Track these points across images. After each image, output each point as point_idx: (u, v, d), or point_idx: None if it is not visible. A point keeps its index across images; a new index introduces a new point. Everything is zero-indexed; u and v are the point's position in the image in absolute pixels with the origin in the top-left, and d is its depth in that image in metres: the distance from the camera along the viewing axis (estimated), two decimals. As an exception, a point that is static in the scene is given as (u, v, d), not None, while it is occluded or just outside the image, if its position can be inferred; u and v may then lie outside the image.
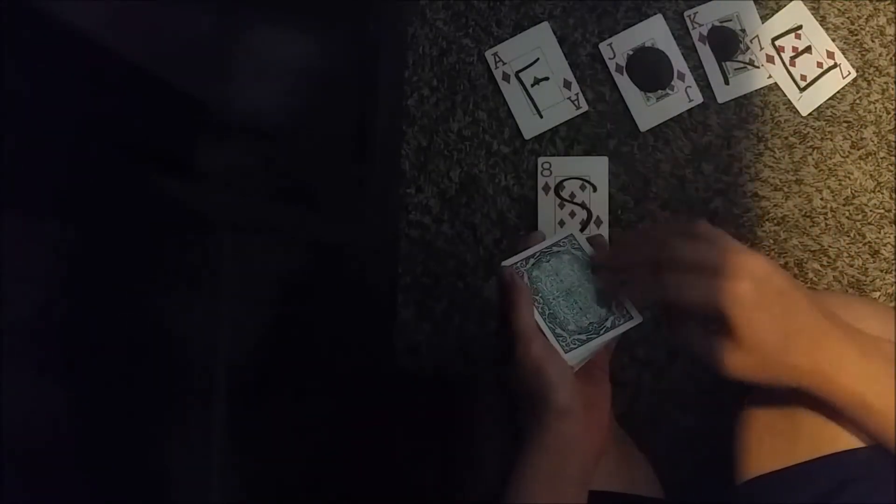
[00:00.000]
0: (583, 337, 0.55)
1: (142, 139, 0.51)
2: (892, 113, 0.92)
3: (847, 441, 0.54)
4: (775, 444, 0.59)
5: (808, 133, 0.92)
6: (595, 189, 0.90)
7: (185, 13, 0.55)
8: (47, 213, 0.44)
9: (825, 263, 0.91)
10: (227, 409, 0.58)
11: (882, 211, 0.91)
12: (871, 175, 0.91)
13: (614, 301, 0.57)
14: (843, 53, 0.92)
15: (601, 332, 0.56)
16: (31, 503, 0.42)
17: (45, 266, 0.44)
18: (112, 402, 0.48)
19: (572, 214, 0.90)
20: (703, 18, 0.92)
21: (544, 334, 0.55)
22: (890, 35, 0.92)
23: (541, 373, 0.53)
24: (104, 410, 0.48)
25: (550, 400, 0.52)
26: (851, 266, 0.90)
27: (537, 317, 0.55)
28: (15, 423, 0.40)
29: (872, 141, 0.91)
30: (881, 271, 0.90)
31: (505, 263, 0.58)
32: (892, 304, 0.90)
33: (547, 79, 0.92)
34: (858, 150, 0.92)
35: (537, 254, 0.58)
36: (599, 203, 0.90)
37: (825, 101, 0.92)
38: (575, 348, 0.55)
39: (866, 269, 0.90)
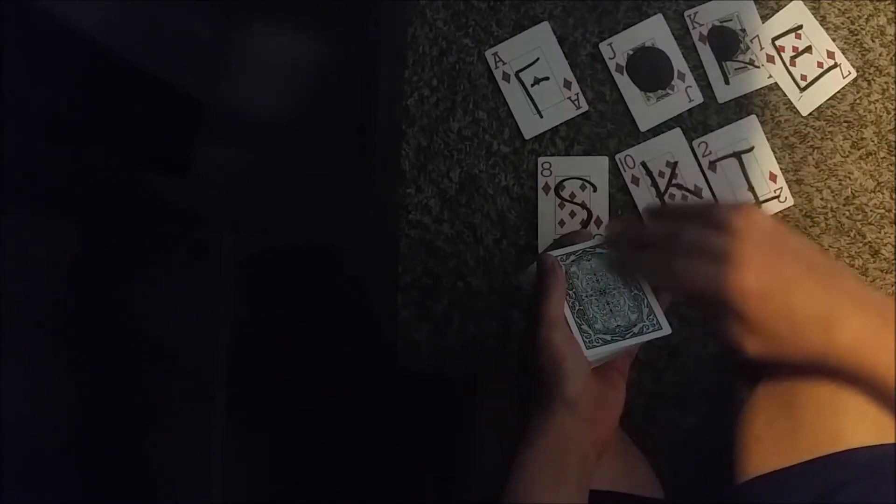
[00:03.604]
0: (607, 337, 0.55)
1: (141, 139, 0.51)
2: (892, 113, 0.92)
3: (847, 441, 0.54)
4: (775, 444, 0.59)
5: (809, 133, 0.92)
6: (595, 189, 0.90)
7: (185, 13, 0.55)
8: (47, 213, 0.44)
9: (825, 263, 0.91)
10: (227, 409, 0.58)
11: (882, 211, 0.91)
12: (871, 175, 0.91)
13: (628, 278, 0.57)
14: (844, 53, 0.92)
15: (626, 336, 0.56)
16: (31, 503, 0.42)
17: (45, 266, 0.44)
18: (112, 401, 0.48)
19: (572, 214, 0.90)
20: (704, 18, 0.92)
21: (570, 327, 0.55)
22: (890, 35, 0.92)
23: (557, 360, 0.53)
24: (104, 410, 0.48)
25: (560, 389, 0.53)
26: (851, 266, 0.90)
27: (566, 310, 0.56)
28: (15, 423, 0.40)
29: (872, 141, 0.91)
30: (881, 271, 0.90)
31: (549, 253, 0.58)
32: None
33: (547, 79, 0.92)
34: (859, 150, 0.92)
35: (580, 251, 0.59)
36: (599, 203, 0.90)
37: (825, 101, 0.92)
38: (597, 346, 0.55)
39: (866, 268, 0.90)
